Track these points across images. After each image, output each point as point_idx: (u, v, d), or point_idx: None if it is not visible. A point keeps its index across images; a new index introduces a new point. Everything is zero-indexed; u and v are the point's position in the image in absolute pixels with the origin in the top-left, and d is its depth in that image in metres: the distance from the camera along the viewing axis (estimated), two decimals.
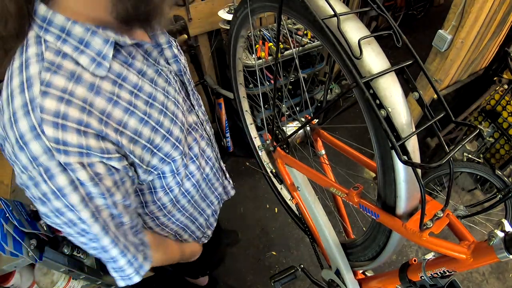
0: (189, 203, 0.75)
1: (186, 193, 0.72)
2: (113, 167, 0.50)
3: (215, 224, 0.92)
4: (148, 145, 0.55)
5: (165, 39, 0.63)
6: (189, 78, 0.73)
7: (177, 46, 0.70)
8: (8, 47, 0.45)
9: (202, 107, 0.80)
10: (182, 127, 0.63)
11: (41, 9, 0.44)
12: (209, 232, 0.92)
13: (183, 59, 0.71)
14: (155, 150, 0.57)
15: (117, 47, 0.51)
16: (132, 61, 0.54)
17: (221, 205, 0.93)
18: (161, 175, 0.62)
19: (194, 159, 0.70)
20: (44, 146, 0.42)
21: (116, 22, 0.48)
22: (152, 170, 0.59)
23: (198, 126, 0.73)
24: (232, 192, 0.95)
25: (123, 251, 0.57)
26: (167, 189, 0.65)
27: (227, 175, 0.94)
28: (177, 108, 0.62)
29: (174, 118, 0.60)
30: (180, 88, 0.68)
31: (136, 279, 0.62)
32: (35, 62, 0.44)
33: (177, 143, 0.61)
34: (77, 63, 0.47)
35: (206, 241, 0.93)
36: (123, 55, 0.53)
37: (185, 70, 0.70)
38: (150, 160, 0.57)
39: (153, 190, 0.64)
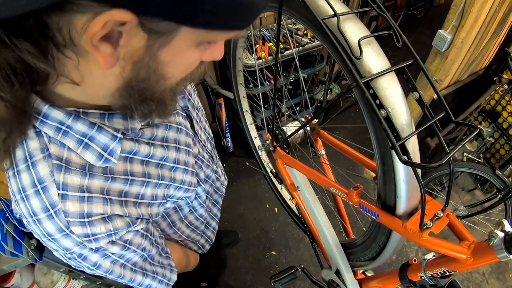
0: (197, 219, 0.76)
1: (193, 211, 0.73)
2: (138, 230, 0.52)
3: (216, 227, 0.92)
4: (163, 201, 0.57)
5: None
6: (193, 103, 0.67)
7: None
8: (12, 146, 0.39)
9: (203, 122, 0.75)
10: (194, 170, 0.63)
11: (36, 102, 0.38)
12: (212, 237, 0.92)
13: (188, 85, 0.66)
14: (168, 199, 0.58)
15: None
16: (142, 133, 0.49)
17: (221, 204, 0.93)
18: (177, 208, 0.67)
19: (200, 183, 0.70)
20: (75, 241, 0.43)
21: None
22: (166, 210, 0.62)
23: (200, 153, 0.70)
24: (225, 182, 0.95)
25: (153, 277, 0.60)
26: (178, 209, 0.69)
27: (223, 175, 0.93)
28: (188, 154, 0.60)
29: (186, 167, 0.59)
30: (187, 124, 0.63)
31: None
32: (42, 159, 0.40)
33: (189, 187, 0.62)
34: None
35: (208, 247, 0.93)
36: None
37: (189, 97, 0.65)
38: (164, 207, 0.59)
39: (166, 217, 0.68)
